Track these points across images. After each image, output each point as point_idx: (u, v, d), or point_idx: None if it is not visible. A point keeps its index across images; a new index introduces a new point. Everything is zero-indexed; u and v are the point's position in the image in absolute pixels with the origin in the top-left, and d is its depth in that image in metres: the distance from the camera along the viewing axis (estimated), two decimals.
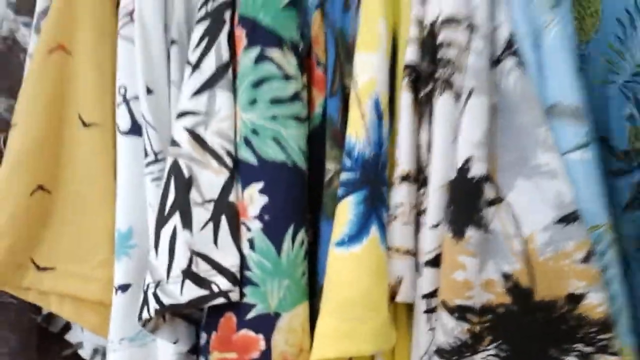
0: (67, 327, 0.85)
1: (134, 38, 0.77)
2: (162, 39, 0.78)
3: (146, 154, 0.76)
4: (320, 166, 0.71)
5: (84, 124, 0.80)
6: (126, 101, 0.78)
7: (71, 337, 0.84)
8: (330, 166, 0.70)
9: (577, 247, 0.62)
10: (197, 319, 0.74)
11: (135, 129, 0.78)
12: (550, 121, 0.64)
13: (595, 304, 0.61)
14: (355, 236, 0.62)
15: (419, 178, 0.67)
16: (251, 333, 0.65)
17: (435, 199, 0.64)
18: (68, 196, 0.79)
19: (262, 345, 0.65)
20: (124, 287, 0.74)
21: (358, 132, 0.65)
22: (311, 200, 0.71)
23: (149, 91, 0.75)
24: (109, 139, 0.80)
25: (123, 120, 0.78)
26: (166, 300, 0.65)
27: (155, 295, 0.65)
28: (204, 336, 0.70)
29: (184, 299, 0.65)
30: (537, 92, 0.65)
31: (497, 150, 0.65)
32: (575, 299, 0.62)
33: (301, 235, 0.67)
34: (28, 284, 0.76)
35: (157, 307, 0.65)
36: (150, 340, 0.76)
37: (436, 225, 0.64)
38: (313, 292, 0.68)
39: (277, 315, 0.65)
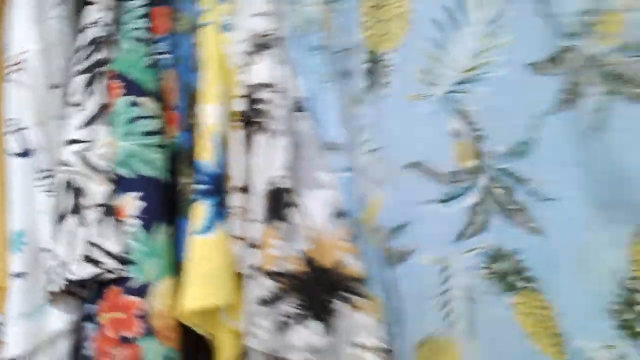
0: None
1: (23, 82, 1.00)
2: (47, 84, 1.02)
3: (38, 172, 0.99)
4: (176, 180, 1.02)
5: None
6: (17, 130, 1.01)
7: None
8: (184, 180, 1.01)
9: (343, 232, 1.01)
10: (83, 298, 0.99)
11: (23, 153, 1.00)
12: (325, 153, 1.03)
13: (353, 266, 0.93)
14: (209, 227, 0.93)
15: (246, 189, 1.02)
16: (133, 297, 0.93)
17: (258, 203, 0.99)
18: None
19: (142, 305, 0.93)
20: (20, 275, 0.96)
21: (207, 157, 0.97)
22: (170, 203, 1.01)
23: (40, 124, 0.99)
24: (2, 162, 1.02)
25: (13, 145, 1.00)
26: (70, 276, 0.90)
27: (59, 273, 0.90)
28: (91, 307, 0.96)
29: (84, 274, 0.91)
30: (318, 133, 1.04)
31: (297, 172, 1.01)
32: (341, 264, 0.96)
33: (169, 229, 0.98)
34: None
35: (63, 280, 0.90)
36: (40, 315, 0.98)
37: (259, 221, 0.99)
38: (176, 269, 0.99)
39: (151, 284, 0.94)
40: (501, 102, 0.75)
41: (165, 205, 0.99)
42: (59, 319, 0.96)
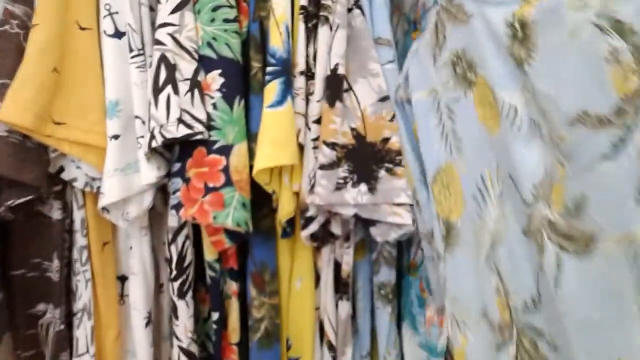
0: (61, 169, 1.13)
1: None
2: None
3: (131, 50, 1.16)
4: (247, 64, 1.21)
5: (81, 28, 1.17)
6: (110, 14, 1.17)
7: (65, 175, 1.12)
8: (255, 64, 1.19)
9: (387, 113, 1.20)
10: (167, 158, 1.19)
11: (117, 34, 1.17)
12: (375, 46, 1.21)
13: (395, 142, 1.15)
14: (280, 101, 1.12)
15: (308, 73, 1.20)
16: (216, 155, 1.11)
17: (318, 86, 1.17)
18: (72, 76, 1.13)
19: (223, 161, 1.11)
20: (116, 137, 1.14)
21: (278, 44, 1.15)
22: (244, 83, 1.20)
23: (131, 9, 1.16)
24: (96, 40, 1.18)
25: (108, 27, 1.17)
26: (168, 135, 1.09)
27: (160, 132, 1.09)
28: (176, 165, 1.15)
29: (179, 134, 1.10)
30: (370, 29, 1.22)
31: (349, 62, 1.20)
32: (386, 140, 1.15)
33: (242, 102, 1.16)
34: (49, 133, 1.08)
35: (163, 138, 1.09)
36: (132, 172, 1.16)
37: (319, 101, 1.18)
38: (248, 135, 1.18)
39: (231, 146, 1.13)
40: (513, 262, 0.87)
41: (241, 83, 1.17)
42: (150, 173, 1.15)
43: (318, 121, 1.16)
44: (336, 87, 1.14)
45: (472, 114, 0.93)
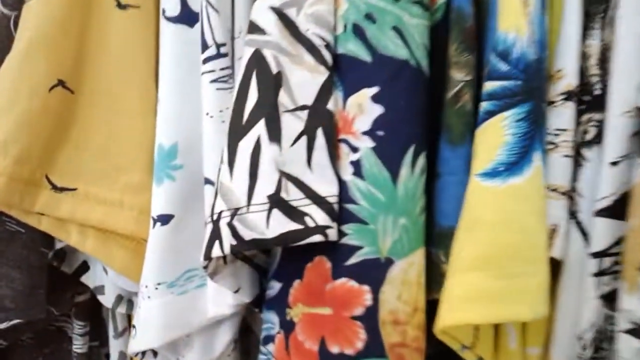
0: (83, 267, 0.68)
1: None
2: None
3: (204, 47, 0.58)
4: (439, 74, 0.55)
5: (120, 5, 0.62)
6: None
7: (89, 279, 0.68)
8: (458, 75, 0.53)
9: None
10: (261, 264, 0.58)
11: (186, 16, 0.61)
12: None
13: None
14: (515, 163, 0.47)
15: (582, 95, 0.52)
16: (353, 283, 0.50)
17: (617, 128, 0.49)
18: (96, 96, 0.63)
19: (367, 299, 0.49)
20: (165, 219, 0.59)
21: (519, 26, 0.48)
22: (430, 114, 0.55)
23: None
24: (150, 26, 0.63)
25: (171, 3, 0.61)
26: (247, 234, 0.49)
27: (231, 226, 0.49)
28: (274, 285, 0.55)
29: (271, 233, 0.48)
30: None
31: None
32: None
33: (422, 159, 0.51)
34: (41, 208, 0.60)
35: (235, 242, 0.49)
36: (193, 288, 0.61)
37: (616, 163, 0.49)
38: (428, 237, 0.53)
39: (389, 262, 0.50)
40: None
41: (423, 116, 0.53)
42: (219, 298, 0.58)
43: (614, 211, 0.50)
44: None
45: None
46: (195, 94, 0.59)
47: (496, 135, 0.48)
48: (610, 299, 0.51)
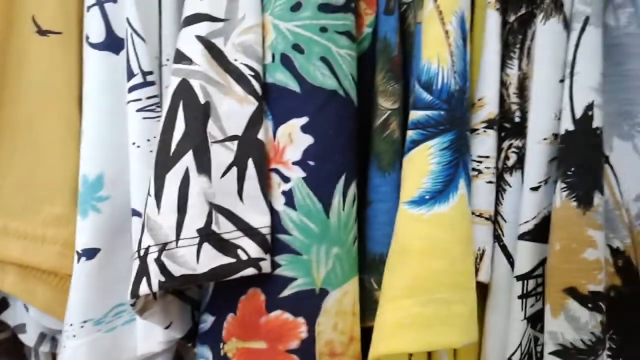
0: (3, 304, 0.64)
1: None
2: None
3: (130, 75, 0.56)
4: (366, 103, 0.56)
5: (40, 31, 0.59)
6: (100, 3, 0.58)
7: (9, 317, 0.63)
8: (385, 104, 0.55)
9: None
10: (194, 297, 0.57)
11: (111, 43, 0.59)
12: None
13: None
14: (440, 192, 0.48)
15: (504, 123, 0.53)
16: (288, 315, 0.49)
17: (537, 155, 0.51)
18: (15, 126, 0.59)
19: (303, 331, 0.49)
20: (91, 253, 0.56)
21: (441, 57, 0.50)
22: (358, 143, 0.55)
23: None
24: (73, 53, 0.60)
25: (95, 29, 0.58)
26: (176, 270, 0.47)
27: (159, 262, 0.47)
28: (207, 319, 0.53)
29: (201, 268, 0.47)
30: None
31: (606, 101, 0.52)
32: None
33: (353, 188, 0.52)
34: None
35: (163, 278, 0.47)
36: (121, 324, 0.58)
37: (536, 188, 0.51)
38: (360, 264, 0.53)
39: (324, 293, 0.50)
40: None
41: (353, 145, 0.53)
42: (148, 335, 0.56)
43: (536, 235, 0.52)
44: (593, 158, 0.50)
45: None
46: (121, 123, 0.57)
47: (422, 164, 0.49)
48: (535, 320, 0.52)
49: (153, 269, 0.48)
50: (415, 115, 0.50)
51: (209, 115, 0.51)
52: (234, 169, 0.50)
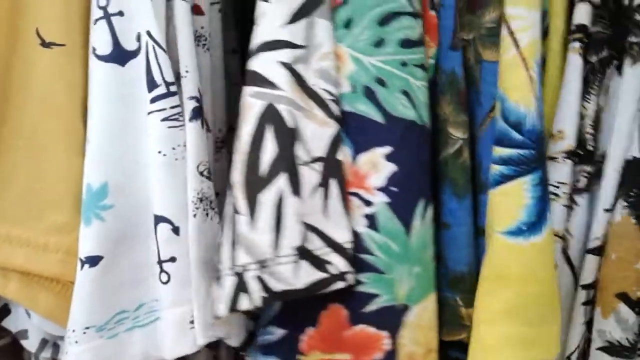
0: (4, 310, 0.64)
1: None
2: None
3: (153, 86, 0.57)
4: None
5: (44, 44, 0.59)
6: (107, 16, 0.58)
7: (10, 323, 0.64)
8: (457, 133, 0.59)
9: None
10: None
11: (118, 55, 0.58)
12: None
13: None
14: (534, 224, 0.53)
15: (581, 154, 0.62)
16: (372, 329, 0.53)
17: (613, 180, 0.59)
18: (20, 136, 0.59)
19: (386, 344, 0.53)
20: (94, 260, 0.56)
21: (528, 101, 0.54)
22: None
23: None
24: (77, 65, 0.60)
25: (102, 42, 0.58)
26: (277, 286, 0.50)
27: (260, 279, 0.50)
28: (275, 331, 0.56)
29: (300, 283, 0.50)
30: None
31: None
32: None
33: (430, 210, 0.56)
34: None
35: (266, 294, 0.50)
36: (123, 331, 0.58)
37: (609, 210, 0.59)
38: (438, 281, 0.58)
39: (405, 308, 0.53)
40: None
41: (429, 171, 0.58)
42: (179, 339, 0.58)
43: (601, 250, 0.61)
44: None
45: None
46: (127, 133, 0.58)
47: (518, 198, 0.54)
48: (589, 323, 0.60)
49: (254, 285, 0.50)
50: (504, 151, 0.55)
51: (296, 139, 0.54)
52: (321, 189, 0.53)
